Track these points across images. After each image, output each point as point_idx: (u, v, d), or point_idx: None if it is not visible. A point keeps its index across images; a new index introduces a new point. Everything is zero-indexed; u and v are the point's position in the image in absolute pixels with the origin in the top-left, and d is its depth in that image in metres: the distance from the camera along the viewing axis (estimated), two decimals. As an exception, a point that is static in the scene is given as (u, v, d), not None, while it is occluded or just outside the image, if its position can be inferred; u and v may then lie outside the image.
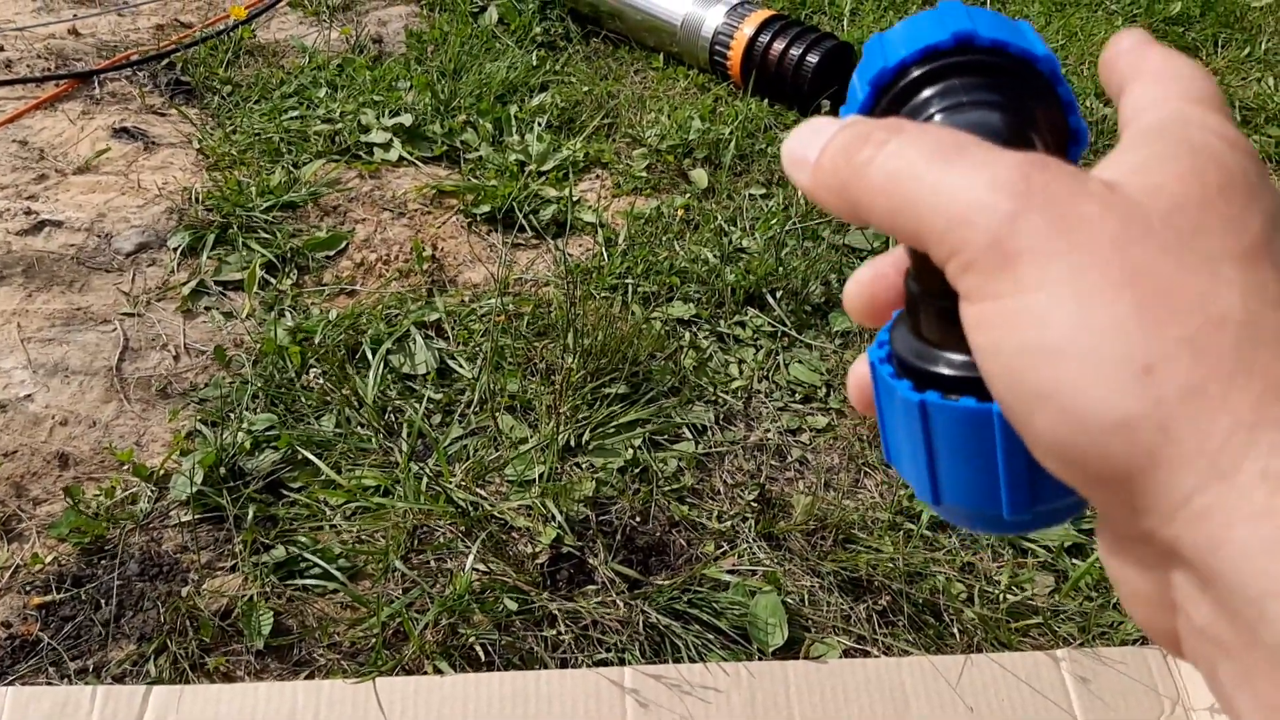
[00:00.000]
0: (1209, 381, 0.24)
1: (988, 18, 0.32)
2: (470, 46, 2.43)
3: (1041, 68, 0.32)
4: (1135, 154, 0.28)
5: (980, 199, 0.27)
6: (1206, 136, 0.28)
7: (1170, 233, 0.26)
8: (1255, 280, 0.26)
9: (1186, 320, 0.25)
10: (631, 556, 1.37)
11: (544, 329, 1.71)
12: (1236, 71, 2.50)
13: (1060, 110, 0.32)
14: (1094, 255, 0.26)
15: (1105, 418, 0.25)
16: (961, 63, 0.32)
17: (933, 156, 0.28)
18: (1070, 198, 0.27)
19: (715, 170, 2.13)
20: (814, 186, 0.32)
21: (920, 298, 0.32)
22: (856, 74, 0.34)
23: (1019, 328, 0.26)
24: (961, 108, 0.31)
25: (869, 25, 2.61)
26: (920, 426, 0.31)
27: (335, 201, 1.98)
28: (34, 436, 1.47)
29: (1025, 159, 0.27)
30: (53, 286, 1.72)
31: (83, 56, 2.38)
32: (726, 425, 1.60)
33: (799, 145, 0.32)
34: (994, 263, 0.27)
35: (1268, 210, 0.27)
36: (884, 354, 0.34)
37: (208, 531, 1.37)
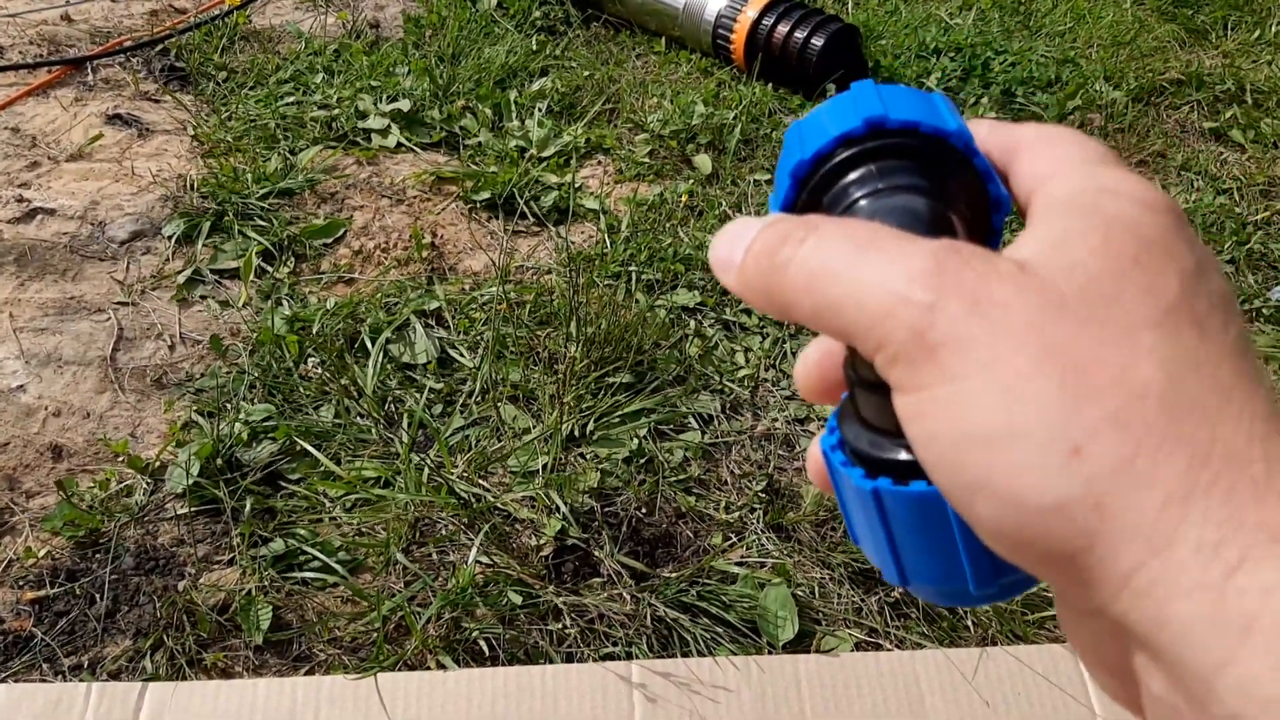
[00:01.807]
0: (1136, 456, 0.24)
1: (899, 97, 0.32)
2: (469, 31, 2.39)
3: (954, 143, 0.32)
4: (1047, 229, 0.28)
5: (897, 292, 0.27)
6: (1119, 204, 0.28)
7: (1085, 308, 0.26)
8: (1176, 346, 0.25)
9: (1109, 396, 0.25)
10: (638, 549, 1.34)
11: (546, 317, 1.68)
12: (1247, 54, 2.47)
13: (979, 180, 0.32)
14: (1011, 339, 0.25)
15: (1040, 502, 0.25)
16: (875, 148, 0.32)
17: (849, 252, 0.28)
18: (984, 282, 0.26)
19: (719, 155, 2.09)
20: (740, 288, 0.32)
21: (859, 386, 0.32)
22: (779, 166, 0.34)
23: (948, 417, 0.26)
24: (880, 193, 0.31)
25: (873, 7, 2.57)
26: (877, 513, 0.31)
27: (333, 188, 1.94)
28: (27, 428, 1.43)
29: (937, 247, 0.27)
30: (45, 275, 1.68)
31: (76, 43, 2.34)
32: (733, 414, 1.57)
33: (725, 247, 0.32)
34: (917, 354, 0.26)
35: (1184, 269, 0.27)
36: (835, 440, 0.34)
37: (204, 524, 1.34)
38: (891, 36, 2.41)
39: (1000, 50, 2.36)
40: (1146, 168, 2.11)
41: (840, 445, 0.33)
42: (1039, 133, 0.32)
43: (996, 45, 2.38)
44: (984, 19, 2.53)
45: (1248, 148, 2.17)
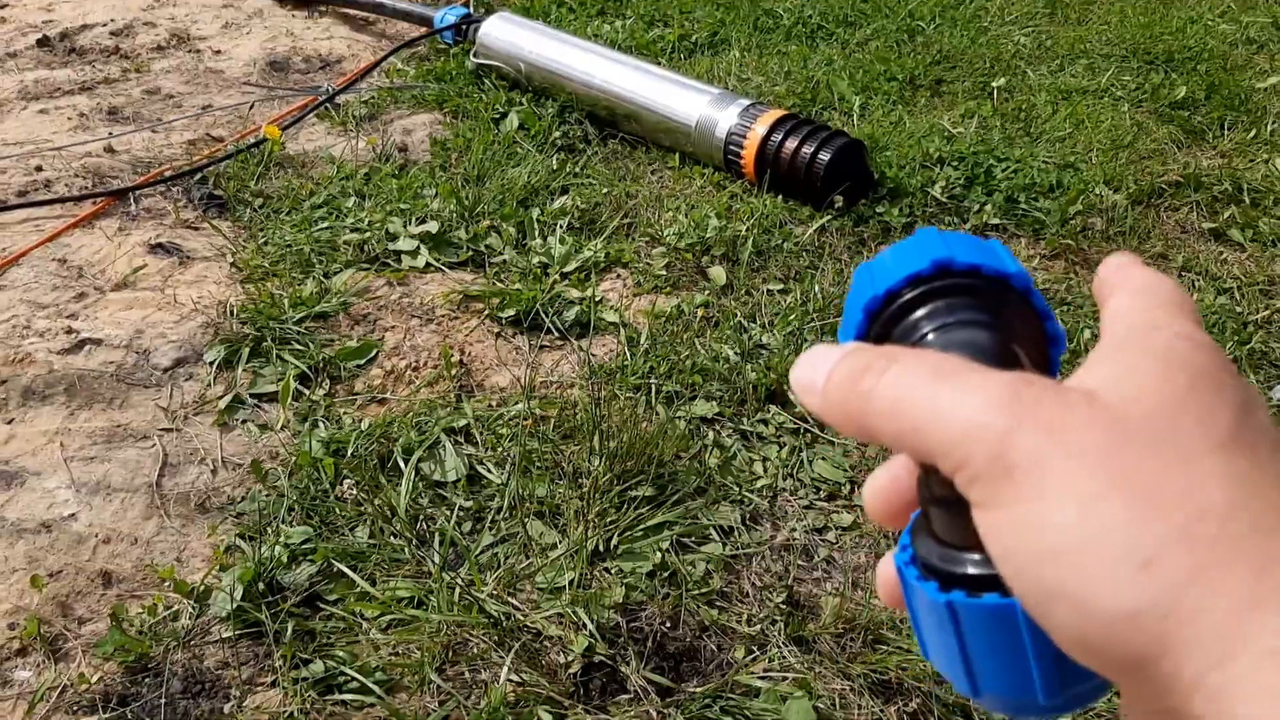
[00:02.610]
0: (1204, 570, 0.27)
1: (962, 242, 0.36)
2: (492, 152, 2.51)
3: (1015, 284, 0.36)
4: (1109, 362, 0.32)
5: (977, 418, 0.30)
6: (1171, 340, 0.32)
7: (1149, 435, 0.29)
8: (1232, 470, 0.28)
9: (1175, 515, 0.27)
10: (663, 663, 1.39)
11: (570, 431, 1.75)
12: (1243, 154, 2.55)
13: (1037, 319, 0.36)
14: (1084, 463, 0.29)
15: (1114, 611, 0.27)
16: (943, 286, 0.36)
17: (930, 381, 0.32)
18: (1057, 411, 0.30)
19: (733, 267, 2.18)
20: (824, 410, 0.35)
21: (934, 503, 0.35)
22: (849, 301, 0.38)
23: (1026, 533, 0.29)
24: (949, 328, 0.35)
25: (878, 119, 2.67)
26: (950, 625, 0.33)
27: (365, 310, 2.03)
28: (78, 555, 1.51)
29: (1013, 379, 0.31)
30: (94, 404, 1.77)
31: (118, 174, 2.47)
32: (753, 525, 1.62)
33: (807, 372, 0.36)
34: (997, 475, 0.30)
35: (1234, 401, 0.30)
36: (908, 557, 0.36)
37: (248, 647, 1.40)
38: (896, 148, 2.50)
39: (1002, 158, 2.45)
40: (1148, 270, 2.18)
41: (913, 560, 0.35)
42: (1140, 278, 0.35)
43: (998, 153, 2.47)
44: (986, 127, 2.63)
45: (1247, 247, 2.24)
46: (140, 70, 2.96)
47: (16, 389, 1.78)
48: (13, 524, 1.54)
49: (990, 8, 3.33)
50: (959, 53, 3.02)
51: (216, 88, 2.90)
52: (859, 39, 3.14)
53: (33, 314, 1.96)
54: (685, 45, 3.12)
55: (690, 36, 3.15)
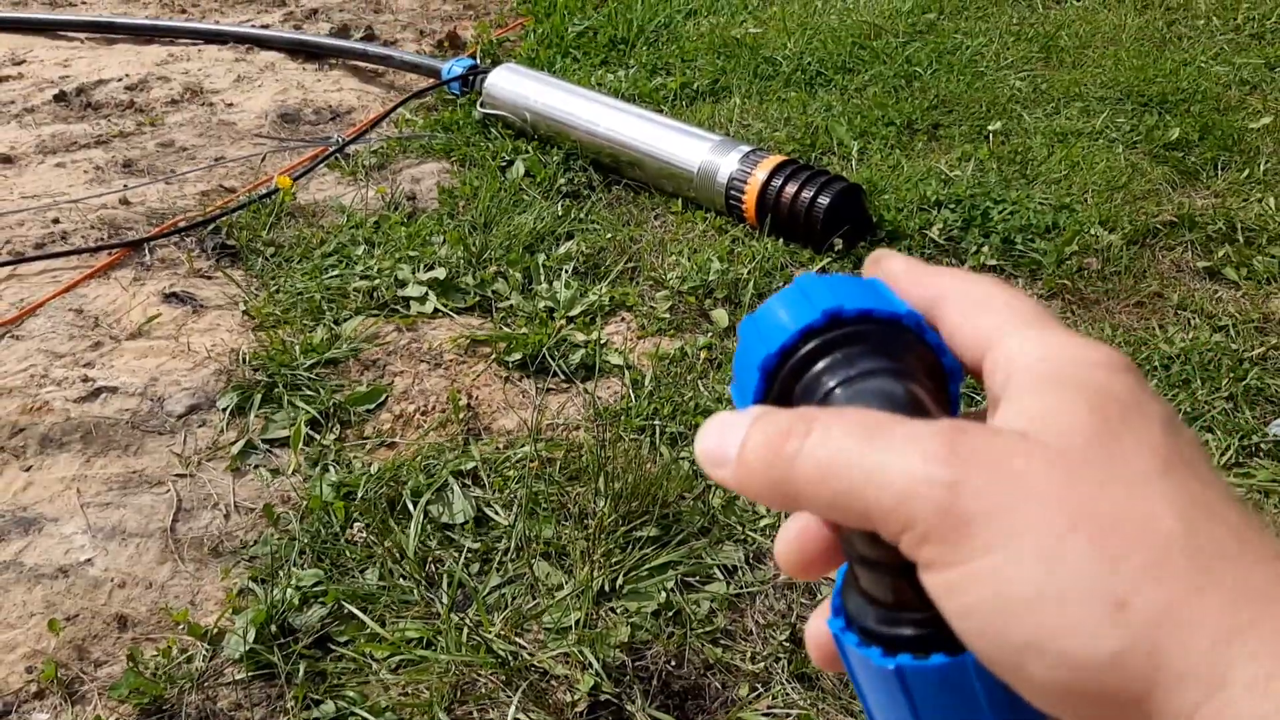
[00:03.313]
0: (1178, 603, 0.26)
1: (847, 286, 0.35)
2: (499, 200, 2.56)
3: (907, 323, 0.35)
4: (1027, 402, 0.31)
5: (918, 473, 0.28)
6: (1081, 370, 0.31)
7: (1096, 468, 0.28)
8: (1184, 493, 0.28)
9: (1139, 550, 0.27)
10: (669, 702, 1.41)
11: (576, 472, 1.78)
12: (1237, 193, 2.59)
13: (933, 355, 0.35)
14: (1036, 504, 0.28)
15: (1094, 656, 0.26)
16: (838, 336, 0.34)
17: (857, 441, 0.30)
18: (999, 456, 0.29)
19: (735, 309, 2.21)
20: (741, 483, 0.32)
21: (865, 564, 0.33)
22: (738, 358, 0.37)
23: (987, 588, 0.28)
24: (852, 380, 0.34)
25: (876, 163, 2.72)
26: (900, 690, 0.32)
27: (375, 355, 2.08)
28: (94, 600, 1.54)
29: (945, 427, 0.30)
30: (109, 451, 1.81)
31: (133, 225, 2.53)
32: (756, 564, 1.65)
33: (715, 443, 0.33)
34: (947, 531, 0.28)
35: (1162, 420, 0.30)
36: (842, 622, 0.34)
37: (260, 688, 1.43)
38: (894, 191, 2.55)
39: (999, 200, 2.49)
40: (1144, 308, 2.21)
41: (848, 625, 0.34)
42: (963, 288, 0.34)
43: (995, 195, 2.52)
44: (982, 170, 2.67)
45: (1242, 285, 2.28)
46: (154, 124, 3.03)
47: (34, 437, 1.82)
48: (31, 569, 1.58)
49: (986, 53, 3.39)
50: (955, 97, 3.08)
51: (229, 140, 2.96)
52: (857, 85, 3.20)
53: (50, 363, 2.01)
54: (687, 93, 3.18)
55: (691, 85, 3.21)
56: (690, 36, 3.60)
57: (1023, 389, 0.31)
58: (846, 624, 0.34)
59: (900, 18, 3.66)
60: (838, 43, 3.45)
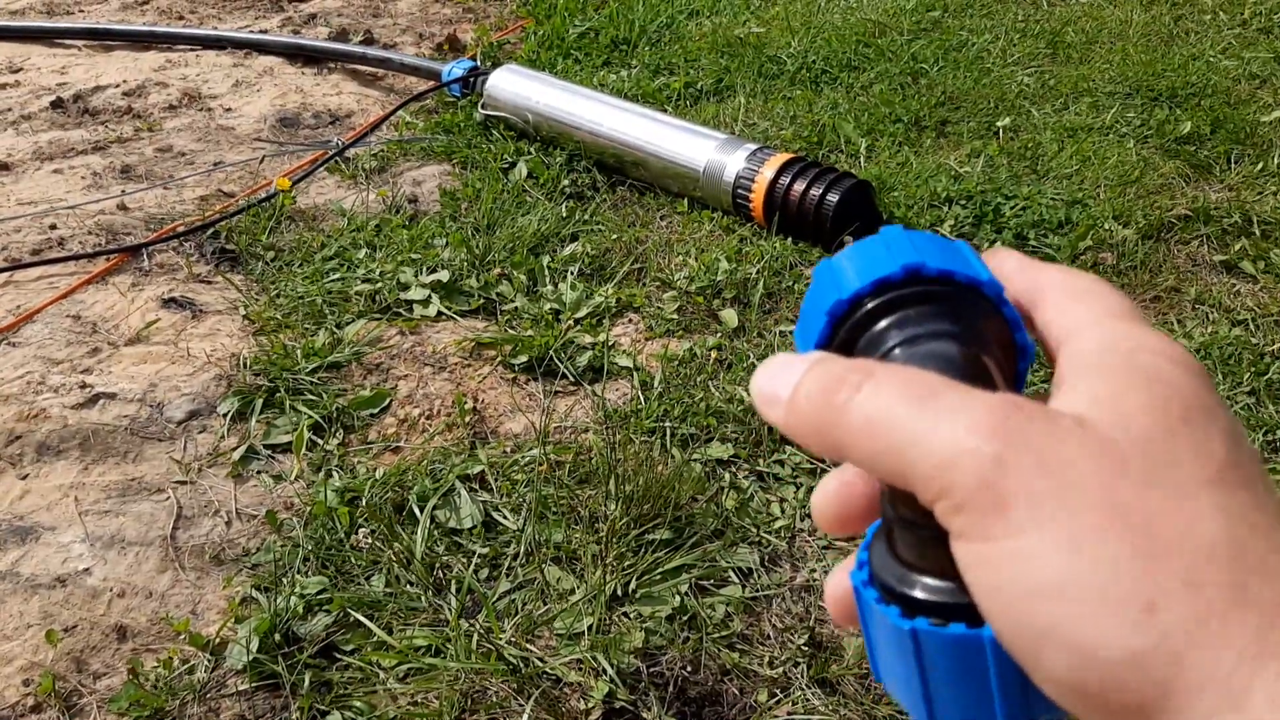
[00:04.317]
0: (1209, 615, 0.26)
1: (932, 244, 0.34)
2: (502, 202, 2.52)
3: (987, 291, 0.34)
4: (1092, 384, 0.30)
5: (962, 443, 0.28)
6: (1156, 361, 0.30)
7: (1146, 467, 0.28)
8: (1233, 506, 0.27)
9: (1178, 555, 0.26)
10: (685, 709, 1.37)
11: (585, 476, 1.74)
12: (1251, 187, 2.55)
13: (1008, 329, 0.34)
14: (1080, 495, 0.27)
15: (1114, 654, 0.26)
16: (913, 293, 0.33)
17: (910, 400, 0.30)
18: (1048, 438, 0.28)
19: (744, 309, 2.17)
20: (790, 424, 0.32)
21: (900, 524, 0.32)
22: (808, 301, 0.36)
23: (1017, 569, 0.27)
24: (919, 339, 0.33)
25: (885, 160, 2.68)
26: (912, 653, 0.31)
27: (378, 359, 2.03)
28: (93, 610, 1.49)
29: (999, 401, 0.29)
30: (108, 458, 1.77)
31: (131, 230, 2.49)
32: (772, 567, 1.60)
33: (769, 383, 0.33)
34: (984, 505, 0.28)
35: (1226, 429, 0.29)
36: (865, 576, 0.34)
37: (264, 699, 1.38)
38: (904, 188, 2.51)
39: (1010, 195, 2.46)
40: (1161, 303, 2.17)
41: (871, 580, 0.33)
42: (1064, 281, 0.34)
43: (1006, 191, 2.48)
44: (992, 166, 2.64)
45: (1259, 279, 2.24)
46: (152, 129, 3.00)
47: (31, 444, 1.78)
48: (27, 579, 1.54)
49: (993, 50, 3.35)
50: (963, 94, 3.05)
51: (227, 144, 2.93)
52: (863, 82, 3.16)
53: (47, 370, 1.97)
54: (690, 93, 3.15)
55: (695, 84, 3.18)
56: (693, 36, 3.57)
57: (1090, 371, 0.31)
58: (869, 579, 0.33)
59: (904, 15, 3.63)
60: (842, 41, 3.41)
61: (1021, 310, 0.35)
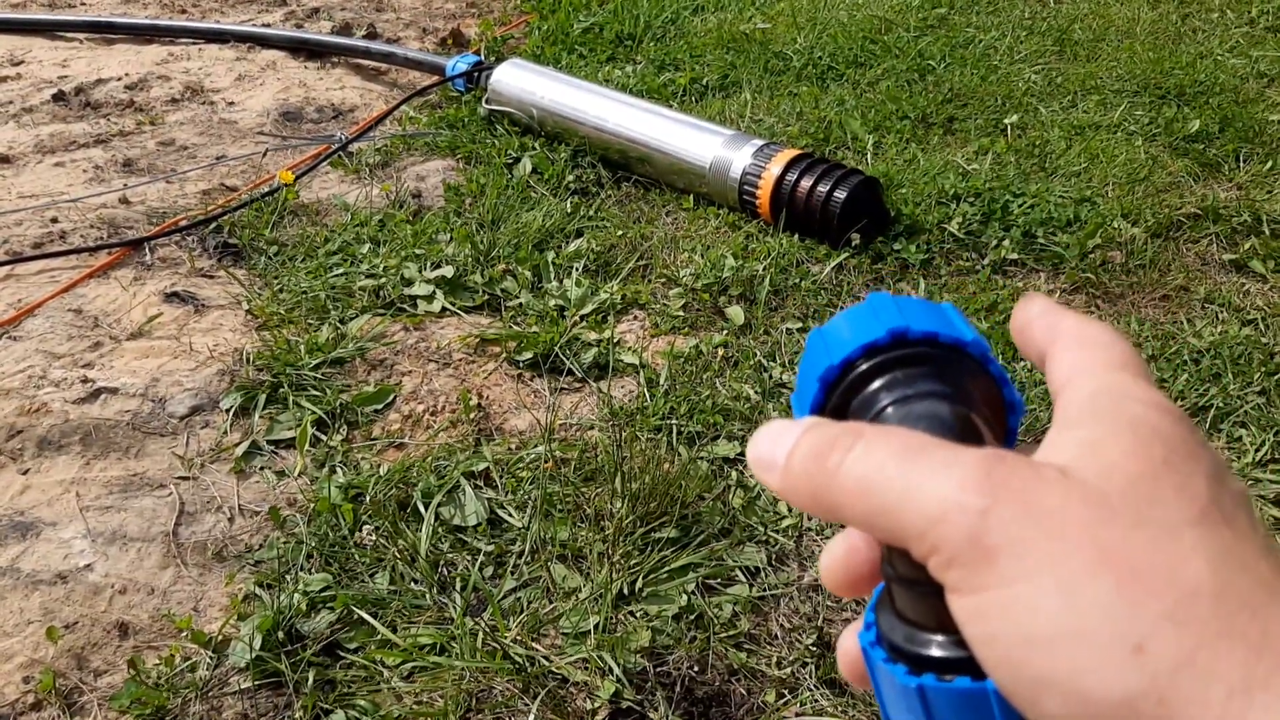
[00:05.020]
0: (1196, 652, 0.26)
1: (917, 308, 0.36)
2: (506, 197, 2.50)
3: (972, 351, 0.35)
4: (1078, 433, 0.31)
5: (951, 498, 0.29)
6: (1141, 409, 0.31)
7: (1130, 510, 0.28)
8: (1217, 543, 0.28)
9: (1163, 595, 0.27)
10: (692, 709, 1.35)
11: (591, 473, 1.73)
12: (1260, 186, 2.53)
13: (995, 386, 0.36)
14: (1066, 542, 0.28)
15: (1107, 698, 0.26)
16: (900, 356, 0.35)
17: (898, 459, 0.31)
18: (1033, 488, 0.29)
19: (751, 306, 2.16)
20: (786, 489, 0.33)
21: (900, 582, 0.33)
22: (802, 368, 0.37)
23: (1009, 618, 0.28)
24: (908, 400, 0.34)
25: (892, 158, 2.67)
26: (921, 709, 0.32)
27: (382, 355, 2.02)
28: (94, 607, 1.48)
29: (983, 456, 0.30)
30: (110, 453, 1.75)
31: (133, 224, 2.47)
32: (779, 566, 1.59)
33: (767, 448, 0.34)
34: (974, 558, 0.28)
35: (1208, 470, 0.30)
36: (873, 637, 0.35)
37: (267, 697, 1.37)
38: (911, 185, 2.50)
39: (1018, 193, 2.44)
40: (1170, 302, 2.16)
41: (878, 641, 0.34)
42: (1075, 329, 0.35)
43: (1014, 188, 2.46)
44: (1000, 163, 2.62)
45: (1269, 278, 2.22)
46: (155, 123, 2.98)
47: (32, 439, 1.77)
48: (28, 575, 1.52)
49: (1000, 46, 3.34)
50: (970, 91, 3.03)
51: (230, 138, 2.91)
52: (869, 79, 3.14)
53: (49, 364, 1.95)
54: (696, 89, 3.13)
55: (701, 80, 3.16)
56: (698, 32, 3.55)
57: (1077, 421, 0.32)
58: (877, 639, 0.34)
59: (911, 12, 3.61)
60: (848, 37, 3.40)
61: (1038, 352, 0.36)
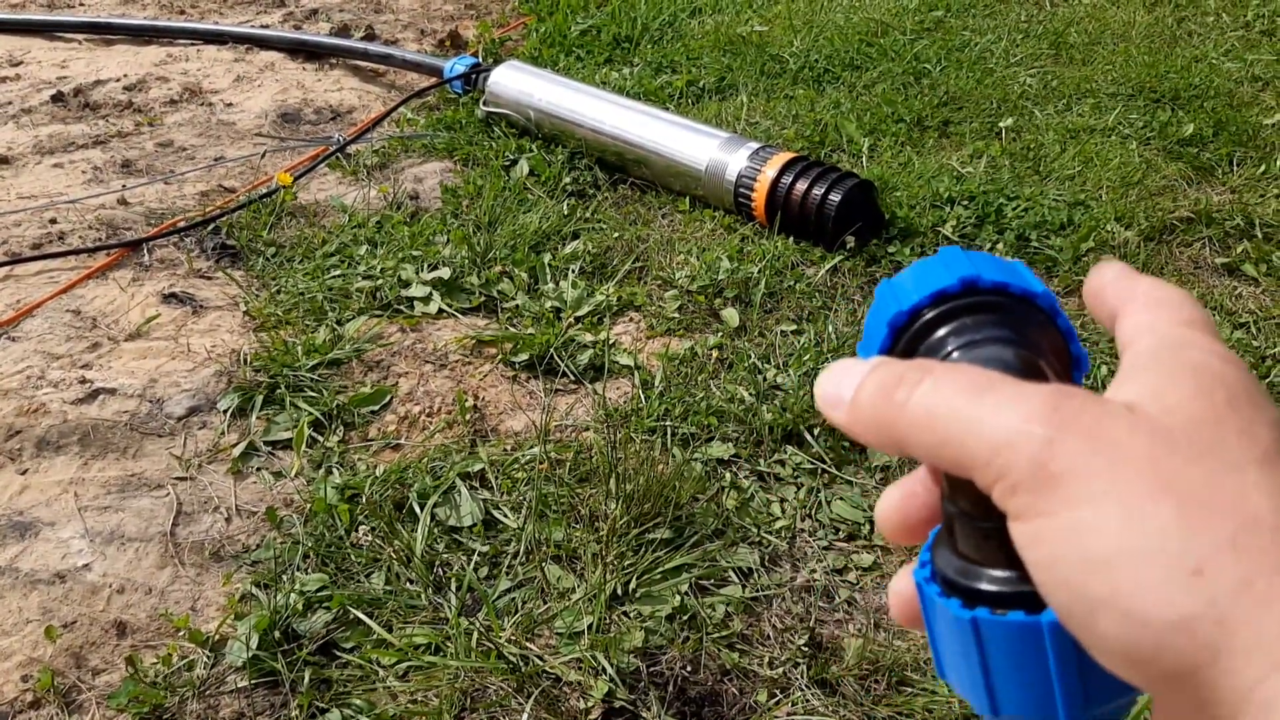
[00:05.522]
0: (1255, 577, 0.27)
1: (988, 261, 0.36)
2: (504, 199, 2.52)
3: (1041, 303, 0.35)
4: (1143, 377, 0.32)
5: (1018, 428, 0.30)
6: (1204, 356, 0.32)
7: (1194, 446, 0.29)
8: (1277, 482, 0.28)
9: (1224, 523, 0.27)
10: (685, 709, 1.37)
11: (586, 475, 1.74)
12: (1254, 190, 2.55)
13: (1062, 339, 0.36)
14: (1131, 470, 0.28)
15: (1165, 617, 0.27)
16: (969, 304, 0.35)
17: (966, 393, 0.31)
18: (1099, 421, 0.30)
19: (746, 308, 2.17)
20: (853, 423, 0.35)
21: (960, 519, 0.34)
22: (870, 316, 0.37)
23: (1072, 541, 0.29)
24: (976, 344, 0.35)
25: (887, 161, 2.68)
26: (973, 643, 0.33)
27: (378, 356, 2.03)
28: (92, 606, 1.49)
29: (1051, 390, 0.31)
30: (108, 454, 1.76)
31: (132, 225, 2.48)
32: (772, 567, 1.60)
33: (833, 386, 0.35)
34: (1040, 483, 0.29)
35: (1272, 418, 0.30)
36: (928, 573, 0.35)
37: (264, 696, 1.38)
38: (906, 188, 2.51)
39: (1012, 196, 2.45)
40: (1163, 305, 2.17)
41: (933, 577, 0.35)
42: (1149, 290, 0.35)
43: (1008, 191, 2.48)
44: (995, 166, 2.63)
45: (1261, 281, 2.23)
46: (153, 124, 2.99)
47: (31, 439, 1.78)
48: (27, 575, 1.53)
49: (995, 50, 3.35)
50: (965, 94, 3.04)
51: (228, 140, 2.92)
52: (865, 82, 3.16)
53: (47, 365, 1.97)
54: (693, 91, 3.14)
55: (698, 82, 3.18)
56: (695, 35, 3.56)
57: (1143, 367, 0.32)
58: (931, 575, 0.35)
59: (907, 15, 3.63)
60: (845, 40, 3.41)
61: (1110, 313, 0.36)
